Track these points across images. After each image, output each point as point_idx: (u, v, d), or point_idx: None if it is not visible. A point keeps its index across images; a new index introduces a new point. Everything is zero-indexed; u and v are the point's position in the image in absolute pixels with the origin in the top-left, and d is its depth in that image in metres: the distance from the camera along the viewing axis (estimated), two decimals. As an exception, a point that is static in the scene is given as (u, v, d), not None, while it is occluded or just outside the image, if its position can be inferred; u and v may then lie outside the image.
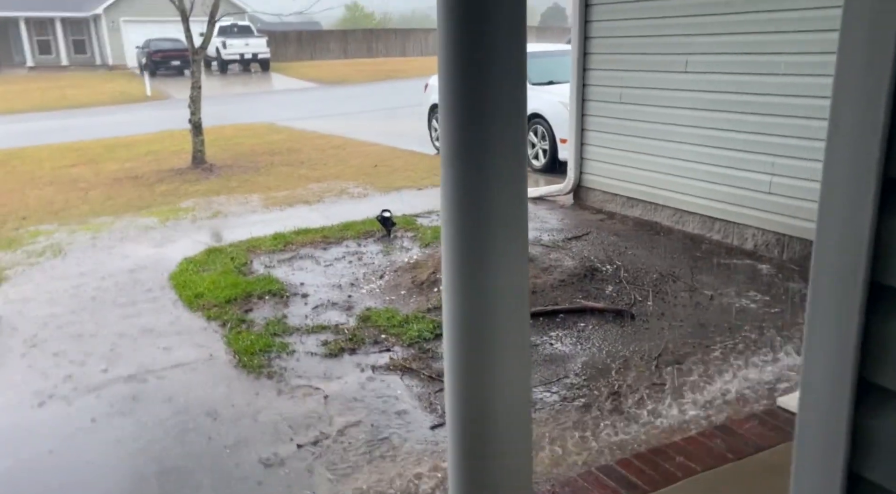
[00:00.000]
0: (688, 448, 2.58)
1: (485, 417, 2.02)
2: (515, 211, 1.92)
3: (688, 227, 5.55)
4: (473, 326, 1.96)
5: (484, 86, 1.81)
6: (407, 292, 4.52)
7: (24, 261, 5.42)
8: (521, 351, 2.02)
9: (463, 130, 1.86)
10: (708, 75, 5.16)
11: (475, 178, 1.87)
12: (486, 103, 1.83)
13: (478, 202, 1.88)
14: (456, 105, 1.86)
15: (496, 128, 1.84)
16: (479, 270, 1.92)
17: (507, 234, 1.91)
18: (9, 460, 2.87)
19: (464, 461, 2.06)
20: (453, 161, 1.89)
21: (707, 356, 3.50)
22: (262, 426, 3.03)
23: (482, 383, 2.00)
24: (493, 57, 1.79)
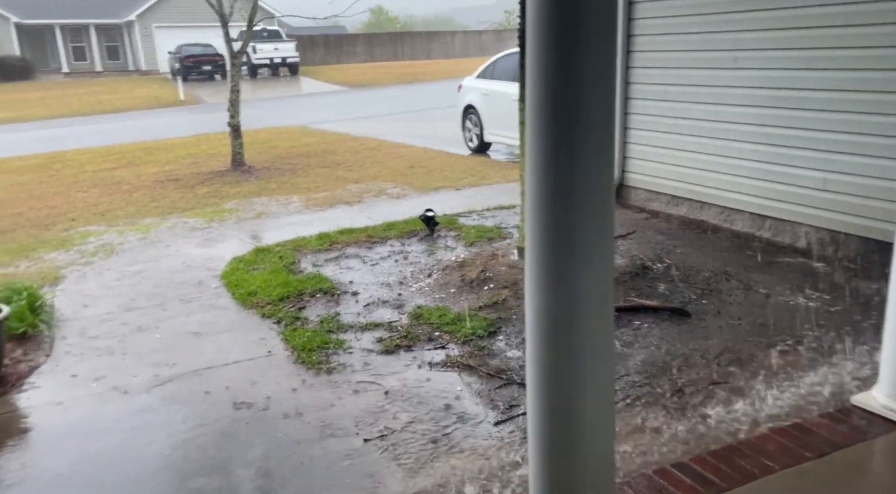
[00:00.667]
0: (763, 446, 2.54)
1: (569, 414, 2.01)
2: (602, 206, 1.91)
3: (736, 226, 5.48)
4: (561, 318, 1.96)
5: (574, 83, 1.82)
6: (457, 290, 4.52)
7: (79, 261, 5.54)
8: (605, 348, 2.00)
9: (551, 126, 1.86)
10: (758, 71, 5.09)
11: (563, 173, 1.87)
12: (576, 99, 1.83)
13: (566, 197, 1.88)
14: (544, 101, 1.86)
15: (585, 123, 1.84)
16: (567, 266, 1.91)
17: (593, 230, 1.90)
18: (76, 453, 2.93)
19: (546, 458, 2.05)
20: (540, 157, 1.89)
21: (770, 354, 3.44)
22: (328, 420, 3.05)
23: (566, 379, 1.99)
24: (583, 55, 1.80)
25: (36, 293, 4.23)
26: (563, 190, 1.87)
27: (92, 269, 5.31)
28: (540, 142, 1.88)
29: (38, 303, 4.16)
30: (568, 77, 1.81)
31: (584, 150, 1.84)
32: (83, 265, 5.43)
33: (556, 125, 1.85)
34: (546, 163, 1.88)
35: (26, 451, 2.99)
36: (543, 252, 1.94)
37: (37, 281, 4.84)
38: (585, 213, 1.88)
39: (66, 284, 4.97)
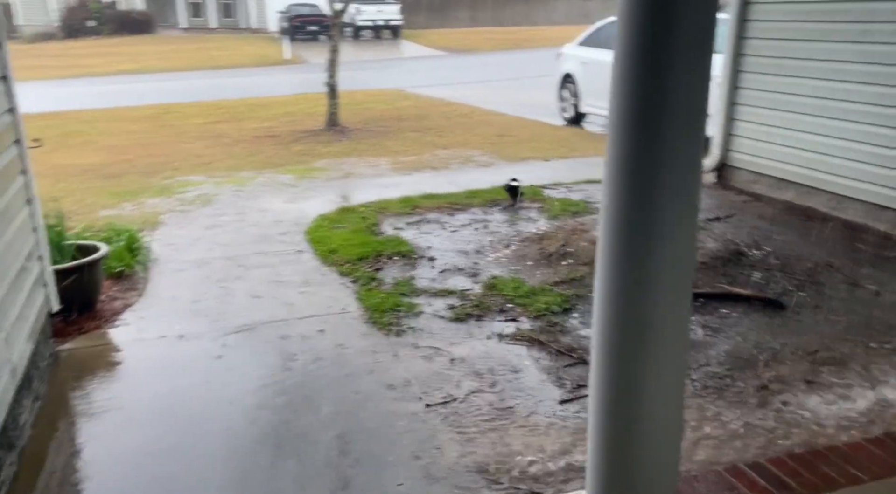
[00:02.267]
0: (851, 454, 2.33)
1: (634, 398, 1.90)
2: (687, 186, 1.76)
3: (848, 215, 5.03)
4: (632, 300, 1.84)
5: (666, 51, 1.66)
6: (534, 263, 4.42)
7: (177, 208, 5.82)
8: (678, 336, 1.87)
9: (637, 98, 1.71)
10: (889, 46, 4.59)
11: (650, 145, 1.73)
12: (665, 62, 1.67)
13: (650, 169, 1.74)
14: (630, 71, 1.71)
15: (676, 92, 1.69)
16: (646, 242, 1.79)
17: (676, 211, 1.76)
18: (158, 387, 3.09)
19: (606, 441, 1.96)
20: (624, 126, 1.75)
21: (871, 356, 3.15)
22: (392, 382, 3.07)
23: (633, 367, 1.87)
24: (677, 28, 1.63)
25: (135, 235, 4.48)
26: (646, 166, 1.73)
27: (188, 217, 5.57)
28: (623, 114, 1.74)
29: (136, 245, 4.40)
30: (659, 47, 1.65)
31: (672, 127, 1.69)
32: (180, 212, 5.70)
33: (642, 97, 1.70)
34: (628, 137, 1.74)
35: (114, 382, 3.19)
36: (619, 229, 1.82)
37: (137, 225, 5.12)
38: (669, 193, 1.74)
39: (163, 229, 5.24)
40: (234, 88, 15.36)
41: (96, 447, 2.70)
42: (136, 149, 8.67)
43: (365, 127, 10.04)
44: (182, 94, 14.24)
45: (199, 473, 2.53)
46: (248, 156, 8.06)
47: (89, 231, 4.47)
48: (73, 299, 3.50)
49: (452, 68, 19.77)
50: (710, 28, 1.67)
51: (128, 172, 7.36)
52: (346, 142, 8.91)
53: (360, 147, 8.58)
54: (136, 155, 8.33)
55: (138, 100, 13.52)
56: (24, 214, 3.06)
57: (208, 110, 12.10)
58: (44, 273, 3.27)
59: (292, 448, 2.63)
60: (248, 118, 11.13)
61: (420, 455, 2.56)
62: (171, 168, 7.49)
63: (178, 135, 9.70)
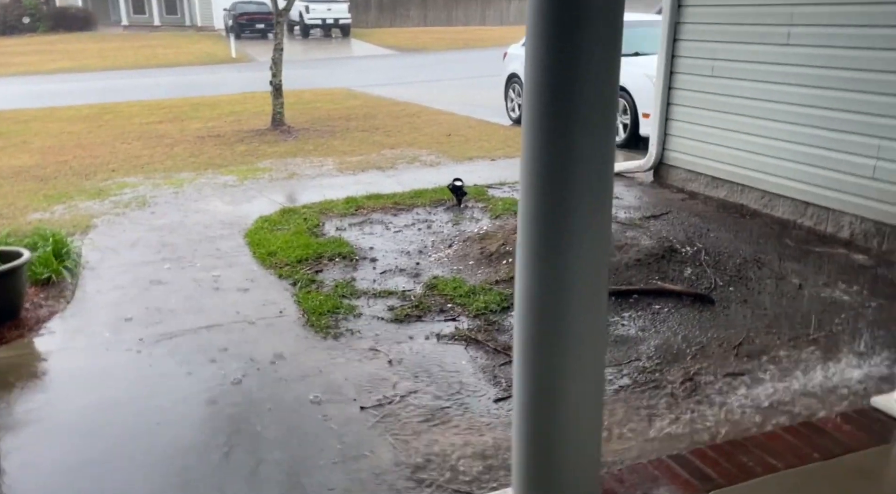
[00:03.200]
0: (769, 444, 2.42)
1: (555, 396, 1.94)
2: (599, 186, 1.80)
3: (777, 212, 5.23)
4: (548, 300, 1.88)
5: (575, 52, 1.69)
6: (475, 262, 4.45)
7: (111, 211, 5.65)
8: (595, 333, 1.91)
9: (550, 95, 1.75)
10: (812, 49, 4.78)
11: (560, 146, 1.77)
12: (577, 69, 1.71)
13: (561, 170, 1.78)
14: (541, 72, 1.74)
15: (586, 95, 1.72)
16: (559, 242, 1.82)
17: (588, 211, 1.80)
18: (84, 398, 3.00)
19: (529, 439, 1.99)
20: (537, 126, 1.79)
21: (793, 348, 3.28)
22: (326, 385, 3.05)
23: (553, 360, 1.92)
24: (584, 22, 1.67)
25: (63, 240, 4.33)
26: (557, 167, 1.77)
27: (122, 220, 5.42)
28: (535, 117, 1.78)
29: (65, 250, 4.25)
30: (566, 50, 1.69)
31: (582, 128, 1.73)
32: (115, 215, 5.54)
33: (553, 99, 1.74)
34: (540, 138, 1.78)
35: (37, 393, 3.08)
36: (534, 231, 1.85)
37: (68, 229, 4.96)
38: (580, 194, 1.78)
39: (95, 233, 5.08)
40: (178, 87, 14.99)
41: (15, 461, 2.61)
42: (73, 150, 8.39)
43: (312, 126, 9.93)
44: (123, 94, 13.83)
45: (124, 487, 2.46)
46: (189, 157, 7.89)
47: (14, 236, 4.30)
48: (-7, 308, 3.37)
49: (402, 67, 19.72)
50: (617, 27, 1.71)
51: (62, 174, 7.11)
52: (291, 142, 8.80)
53: (306, 147, 8.49)
54: (72, 156, 8.05)
55: (77, 99, 13.08)
56: (-64, 221, 2.92)
57: (150, 110, 11.78)
58: (-40, 281, 3.14)
59: (222, 457, 2.59)
60: (192, 118, 10.89)
61: (352, 459, 2.55)
62: (108, 169, 7.27)
63: (117, 135, 9.42)
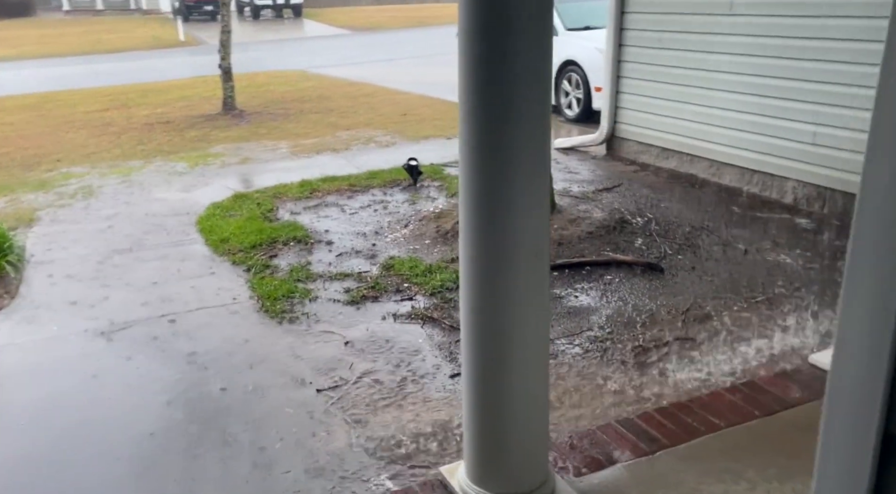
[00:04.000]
0: (712, 404, 2.51)
1: (500, 366, 1.97)
2: (535, 154, 1.83)
3: (724, 180, 5.35)
4: (489, 273, 1.90)
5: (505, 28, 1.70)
6: (431, 241, 4.46)
7: (56, 203, 5.49)
8: (537, 301, 1.95)
9: (483, 71, 1.76)
10: (753, 18, 4.87)
11: (495, 122, 1.78)
12: (508, 44, 1.72)
13: (497, 145, 1.80)
14: (475, 43, 1.75)
15: (517, 70, 1.74)
16: (496, 216, 1.84)
17: (524, 178, 1.82)
18: (30, 394, 2.94)
19: (478, 410, 2.03)
20: (473, 103, 1.80)
21: (737, 312, 3.39)
22: (282, 369, 3.05)
23: (497, 332, 1.95)
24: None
25: (5, 234, 4.20)
26: (492, 132, 1.79)
27: (68, 211, 5.27)
28: (470, 84, 1.79)
29: (7, 244, 4.13)
30: (499, 18, 1.70)
31: (516, 94, 1.75)
32: (60, 207, 5.39)
33: (486, 66, 1.75)
34: (475, 104, 1.79)
35: (-15, 392, 3.00)
36: (474, 203, 1.87)
37: (10, 223, 4.81)
38: (516, 161, 1.80)
39: (39, 226, 4.94)
40: (124, 73, 14.53)
41: (-35, 461, 2.55)
42: (15, 141, 8.10)
43: (265, 110, 9.76)
44: (66, 81, 13.36)
45: (74, 481, 2.43)
46: (137, 145, 7.69)
47: (-48, 232, 4.16)
48: (-68, 307, 3.26)
49: (357, 47, 19.45)
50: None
51: (4, 166, 6.87)
52: (244, 127, 8.64)
53: (260, 131, 8.35)
54: (13, 147, 7.78)
55: (17, 88, 12.59)
56: None
57: (95, 97, 11.42)
58: None
59: (175, 447, 2.57)
60: (140, 104, 10.59)
61: (308, 441, 2.56)
62: (53, 160, 7.05)
63: (61, 124, 9.12)
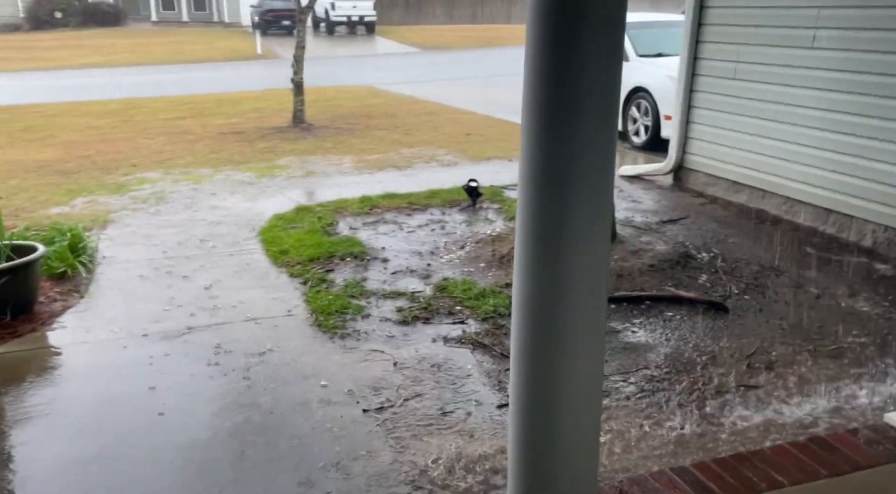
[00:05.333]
0: (775, 459, 2.35)
1: (550, 404, 1.90)
2: (599, 188, 1.76)
3: (798, 218, 5.11)
4: (542, 309, 1.84)
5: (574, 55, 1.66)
6: (486, 265, 4.42)
7: (129, 206, 5.72)
8: (593, 341, 1.87)
9: (549, 98, 1.71)
10: (838, 52, 4.67)
11: (557, 145, 1.73)
12: (573, 71, 1.67)
13: (559, 173, 1.74)
14: (542, 69, 1.71)
15: (584, 95, 1.68)
16: (556, 248, 1.79)
17: (588, 214, 1.75)
18: (95, 392, 3.03)
19: (524, 448, 1.96)
20: (534, 125, 1.75)
21: (807, 360, 3.20)
22: (331, 386, 3.04)
23: (548, 370, 1.87)
24: (583, 23, 1.63)
25: (79, 234, 4.38)
26: (555, 167, 1.73)
27: (140, 215, 5.47)
28: (534, 114, 1.74)
29: (82, 245, 4.31)
30: (567, 43, 1.65)
31: (582, 125, 1.69)
32: (133, 210, 5.60)
33: (552, 95, 1.70)
34: (539, 136, 1.74)
35: (48, 387, 3.11)
36: (531, 234, 1.82)
37: (86, 223, 5.02)
38: (579, 195, 1.73)
39: (112, 228, 5.14)
40: (203, 83, 15.14)
41: (24, 453, 2.64)
42: (97, 145, 8.51)
43: (332, 124, 9.96)
44: (150, 89, 14.00)
45: (132, 483, 2.48)
46: (209, 153, 7.96)
47: (32, 230, 4.36)
48: (6, 302, 3.41)
49: (425, 65, 19.71)
50: (620, 17, 1.66)
51: (85, 169, 7.21)
52: (311, 140, 8.83)
53: (325, 144, 8.51)
54: (95, 151, 8.16)
55: (104, 94, 13.26)
56: (-50, 215, 2.97)
57: (175, 105, 11.91)
58: (-25, 275, 3.19)
59: (224, 456, 2.60)
60: (215, 114, 10.98)
61: (350, 462, 2.54)
62: (130, 164, 7.36)
63: (141, 130, 9.54)
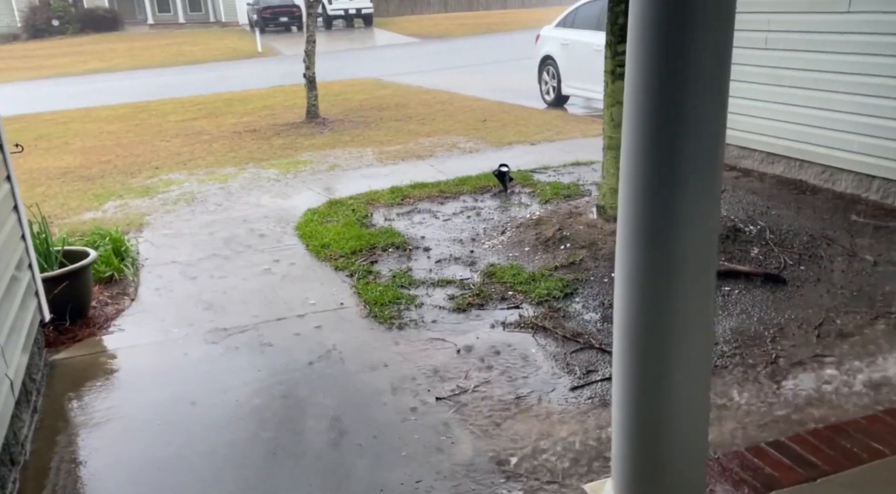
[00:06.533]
0: (872, 428, 2.32)
1: (660, 385, 1.85)
2: (710, 160, 1.71)
3: (839, 186, 5.05)
4: (652, 290, 1.79)
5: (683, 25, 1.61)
6: (531, 249, 4.37)
7: (161, 208, 5.68)
8: (703, 318, 1.82)
9: (656, 65, 1.66)
10: (876, 15, 4.58)
11: (667, 119, 1.68)
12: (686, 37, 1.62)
13: (668, 146, 1.69)
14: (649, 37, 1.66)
15: (697, 64, 1.63)
16: (665, 227, 1.73)
17: (699, 187, 1.70)
18: (160, 394, 3.01)
19: (632, 430, 1.91)
20: (641, 99, 1.69)
21: (878, 327, 3.16)
22: (399, 377, 3.02)
23: (658, 351, 1.82)
24: (692, 15, 1.58)
25: (121, 238, 4.36)
26: (665, 138, 1.68)
27: (174, 216, 5.44)
28: (642, 83, 1.68)
29: (123, 248, 4.28)
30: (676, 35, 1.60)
31: (693, 95, 1.64)
32: (166, 212, 5.57)
33: (663, 64, 1.65)
34: (648, 105, 1.68)
35: (112, 391, 3.09)
36: (638, 209, 1.77)
37: (122, 227, 4.99)
38: (691, 167, 1.69)
39: (149, 230, 5.11)
40: (208, 83, 15.08)
41: (98, 458, 2.62)
42: (115, 150, 8.47)
43: (346, 117, 9.91)
44: (156, 92, 13.95)
45: (204, 481, 2.46)
46: (228, 152, 7.91)
47: (73, 235, 4.33)
48: (64, 307, 3.39)
49: (427, 55, 19.60)
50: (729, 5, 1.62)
51: (108, 173, 7.18)
52: (328, 134, 8.78)
53: (343, 138, 8.46)
54: (114, 155, 8.13)
55: (111, 99, 13.22)
56: (11, 222, 2.94)
57: (184, 107, 11.86)
58: (34, 282, 3.16)
59: (299, 451, 2.57)
60: (226, 113, 10.93)
61: (434, 450, 2.51)
62: (152, 167, 7.33)
63: (155, 133, 9.50)
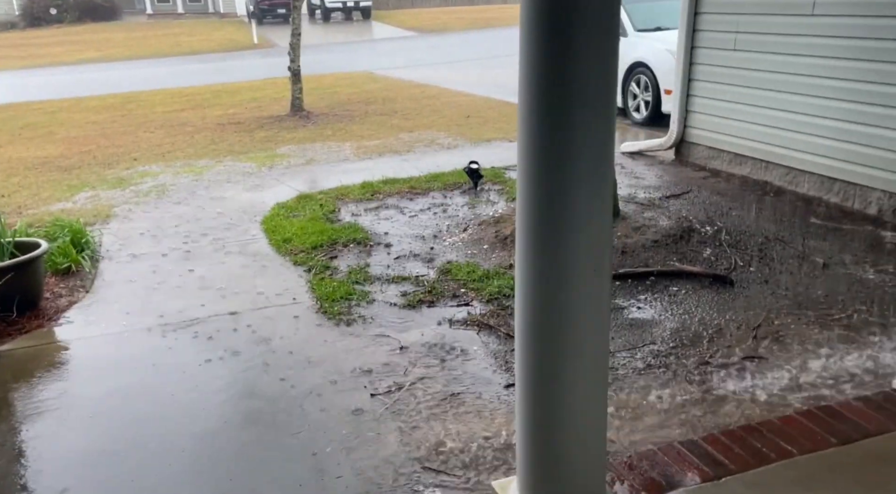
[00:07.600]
0: (784, 429, 2.36)
1: (555, 383, 1.91)
2: (598, 166, 1.75)
3: (802, 188, 5.08)
4: (545, 288, 1.84)
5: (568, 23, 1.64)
6: (489, 246, 4.41)
7: (131, 200, 5.72)
8: (597, 317, 1.87)
9: (544, 76, 1.70)
10: (838, 19, 4.60)
11: (555, 124, 1.72)
12: (570, 48, 1.65)
13: (556, 149, 1.73)
14: (537, 46, 1.69)
15: (581, 73, 1.66)
16: (554, 228, 1.78)
17: (588, 192, 1.75)
18: (106, 385, 3.05)
19: (532, 426, 1.97)
20: (531, 104, 1.74)
21: (813, 330, 3.19)
22: (339, 372, 3.06)
23: (553, 347, 1.88)
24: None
25: (81, 230, 4.39)
26: (551, 136, 1.72)
27: (142, 209, 5.48)
28: (530, 96, 1.73)
29: (84, 240, 4.31)
30: (563, 19, 1.63)
31: (578, 104, 1.68)
32: (135, 204, 5.60)
33: (546, 63, 1.68)
34: (537, 116, 1.73)
35: (57, 382, 3.13)
36: (533, 213, 1.81)
37: (88, 218, 5.03)
38: (578, 173, 1.73)
39: (115, 222, 5.14)
40: (201, 74, 15.09)
41: (38, 449, 2.66)
42: (97, 140, 8.51)
43: (331, 111, 9.93)
44: (148, 82, 13.96)
45: (144, 474, 2.50)
46: (209, 145, 7.94)
47: (34, 226, 4.37)
48: (13, 298, 3.43)
49: (423, 49, 19.58)
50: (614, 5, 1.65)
51: (86, 164, 7.22)
52: (310, 128, 8.80)
53: (325, 132, 8.49)
54: (96, 146, 8.17)
55: (103, 89, 13.24)
56: (-48, 214, 2.97)
57: (173, 98, 11.88)
58: (-20, 273, 3.20)
59: (232, 446, 2.61)
60: (213, 105, 10.95)
61: (360, 446, 2.55)
62: (130, 158, 7.36)
63: (140, 124, 9.53)
